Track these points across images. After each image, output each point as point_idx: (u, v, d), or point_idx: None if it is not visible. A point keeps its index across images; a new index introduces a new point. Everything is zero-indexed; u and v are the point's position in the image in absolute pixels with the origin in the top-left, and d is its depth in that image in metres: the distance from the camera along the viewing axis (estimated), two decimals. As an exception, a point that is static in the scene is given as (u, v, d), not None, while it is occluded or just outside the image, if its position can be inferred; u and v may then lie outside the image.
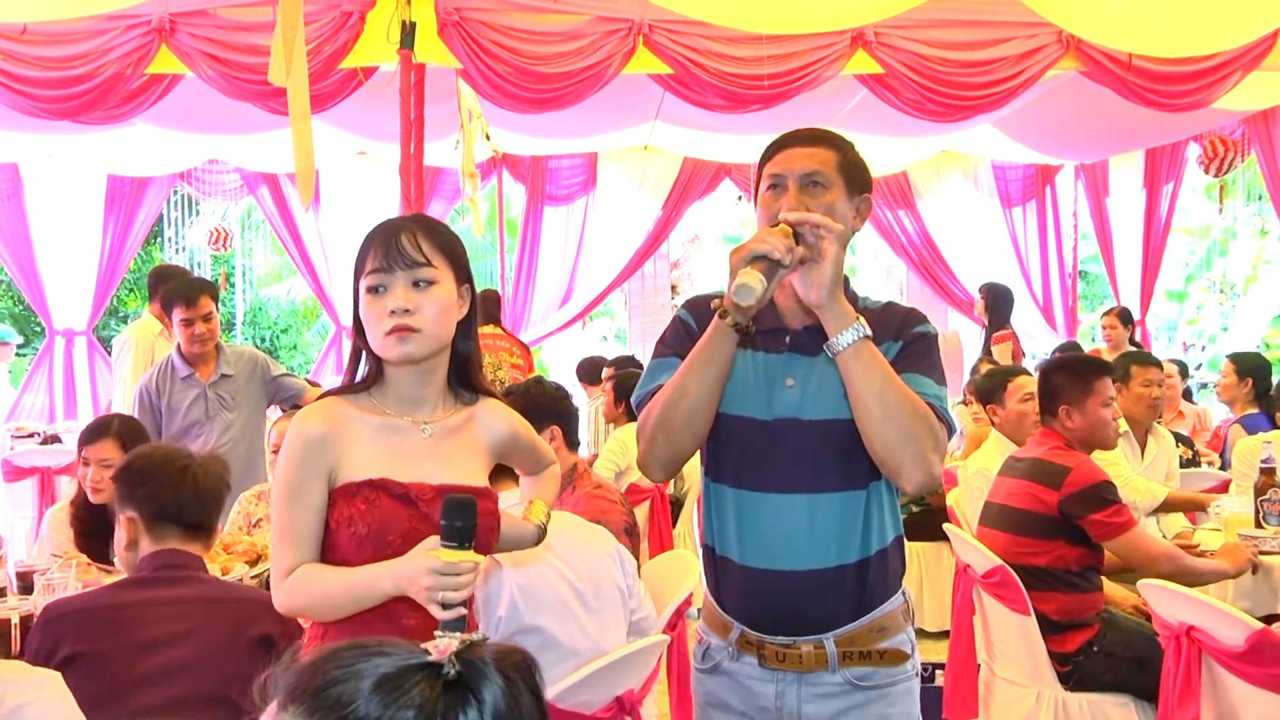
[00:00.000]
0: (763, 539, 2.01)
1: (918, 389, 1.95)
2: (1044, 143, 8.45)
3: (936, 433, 1.95)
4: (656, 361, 2.11)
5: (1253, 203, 11.61)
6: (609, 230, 8.96)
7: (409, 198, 5.07)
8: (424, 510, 1.87)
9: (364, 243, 1.91)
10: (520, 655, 0.98)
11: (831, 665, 2.00)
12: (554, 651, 2.46)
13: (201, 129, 7.09)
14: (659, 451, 2.04)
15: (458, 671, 0.92)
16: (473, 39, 5.11)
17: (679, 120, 7.17)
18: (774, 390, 2.01)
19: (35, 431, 7.34)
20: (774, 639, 2.02)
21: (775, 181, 2.03)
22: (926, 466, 1.93)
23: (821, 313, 1.92)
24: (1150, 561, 3.28)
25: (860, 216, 2.06)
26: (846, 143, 2.08)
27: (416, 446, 1.92)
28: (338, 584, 1.84)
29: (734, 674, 2.07)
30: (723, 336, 1.94)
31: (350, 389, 1.95)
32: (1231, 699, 2.79)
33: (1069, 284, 9.74)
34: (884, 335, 2.02)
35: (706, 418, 2.00)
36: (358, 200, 8.47)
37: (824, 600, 1.99)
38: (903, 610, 2.08)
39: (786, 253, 1.85)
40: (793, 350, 2.02)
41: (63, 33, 5.05)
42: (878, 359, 1.92)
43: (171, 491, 2.43)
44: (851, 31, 5.33)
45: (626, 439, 5.64)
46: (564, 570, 2.55)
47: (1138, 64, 5.50)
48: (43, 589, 3.06)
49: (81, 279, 8.40)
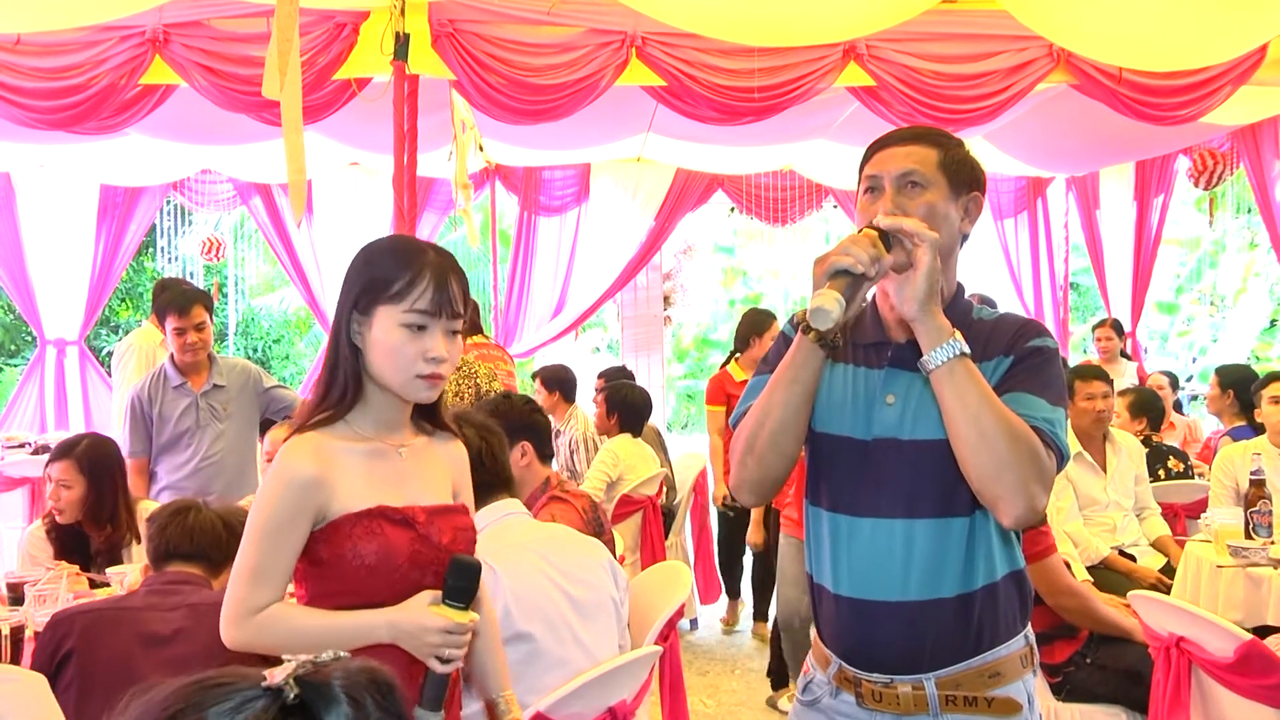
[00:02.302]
0: (857, 566, 1.88)
1: (1026, 411, 1.77)
2: (1035, 155, 8.49)
3: (1040, 460, 1.74)
4: (755, 380, 1.98)
5: (1242, 215, 11.69)
6: (602, 241, 8.98)
7: (402, 209, 5.08)
8: (422, 532, 1.90)
9: (394, 263, 1.87)
10: (371, 674, 0.94)
11: (933, 709, 1.85)
12: (544, 660, 2.47)
13: (195, 139, 7.08)
14: (748, 474, 1.91)
15: (298, 695, 0.90)
16: (466, 50, 5.12)
17: (672, 132, 7.20)
18: (873, 408, 1.88)
19: (26, 441, 7.32)
20: (871, 676, 1.88)
21: (872, 184, 1.91)
22: (1028, 499, 1.73)
23: (915, 327, 1.77)
24: (1058, 592, 3.24)
25: (969, 217, 1.94)
26: (950, 139, 1.94)
27: (398, 469, 1.94)
28: (322, 628, 1.82)
29: (831, 711, 1.96)
30: (807, 353, 1.82)
31: (329, 419, 1.89)
32: (1221, 710, 2.80)
33: (1060, 295, 9.78)
34: (995, 349, 1.87)
35: (795, 438, 1.88)
36: (351, 211, 8.49)
37: (921, 636, 1.84)
38: (1022, 655, 1.90)
39: (871, 264, 1.72)
40: (894, 365, 1.88)
41: (57, 43, 5.05)
42: (974, 379, 1.75)
43: (161, 532, 2.61)
44: (844, 44, 5.36)
45: (618, 450, 5.65)
46: (559, 580, 2.56)
47: (1129, 78, 5.54)
48: (34, 600, 3.05)
49: (74, 289, 8.38)
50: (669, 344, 15.02)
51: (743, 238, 16.58)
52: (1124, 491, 4.63)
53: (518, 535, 2.60)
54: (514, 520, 2.66)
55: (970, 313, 1.95)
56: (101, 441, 3.85)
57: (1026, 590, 1.93)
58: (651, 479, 5.64)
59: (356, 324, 1.88)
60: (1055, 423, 1.80)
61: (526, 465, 3.30)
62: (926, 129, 1.98)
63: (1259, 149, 7.56)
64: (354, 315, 1.88)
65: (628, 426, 5.80)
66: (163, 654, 2.31)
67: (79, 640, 2.31)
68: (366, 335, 1.87)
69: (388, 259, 1.88)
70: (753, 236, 15.40)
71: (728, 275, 17.51)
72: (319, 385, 1.93)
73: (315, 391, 1.93)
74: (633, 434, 5.80)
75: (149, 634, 2.33)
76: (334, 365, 1.91)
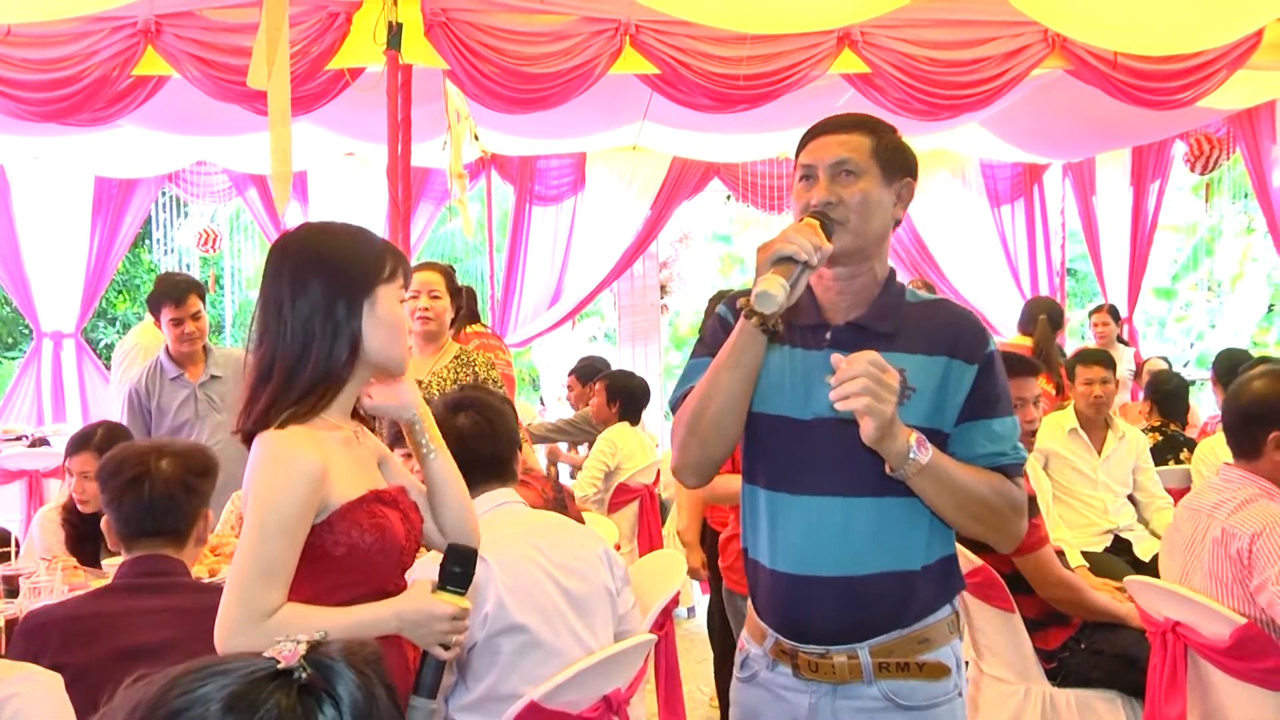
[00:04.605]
0: (794, 543, 1.93)
1: (996, 448, 1.91)
2: (1031, 141, 8.47)
3: (1017, 503, 1.93)
4: (693, 362, 2.03)
5: (1239, 200, 11.67)
6: (598, 230, 8.96)
7: (396, 199, 5.07)
8: (403, 511, 1.94)
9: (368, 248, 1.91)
10: (369, 648, 0.95)
11: (867, 677, 1.91)
12: (539, 651, 2.46)
13: (189, 130, 7.07)
14: (691, 457, 1.96)
15: (309, 674, 0.89)
16: (459, 40, 5.11)
17: (667, 120, 7.18)
18: (812, 389, 1.90)
19: (23, 434, 7.32)
20: (807, 648, 1.94)
21: (806, 172, 1.96)
22: (1013, 535, 1.96)
23: (878, 449, 1.80)
24: (1050, 584, 3.24)
25: (902, 203, 1.98)
26: (883, 126, 1.99)
27: (362, 452, 1.96)
28: (335, 621, 1.79)
29: (769, 684, 2.00)
30: (749, 337, 1.86)
31: (309, 413, 1.86)
32: (1217, 694, 2.80)
33: (1057, 282, 9.77)
34: (940, 345, 1.92)
35: (737, 420, 1.93)
36: (345, 201, 8.46)
37: (857, 610, 1.90)
38: (949, 622, 1.97)
39: (814, 252, 1.78)
40: (834, 347, 1.91)
41: (48, 34, 5.03)
42: (944, 472, 1.83)
43: (118, 505, 2.40)
44: (838, 31, 5.34)
45: (616, 439, 5.66)
46: (553, 571, 2.55)
47: (1124, 62, 5.52)
48: (29, 592, 3.05)
49: (69, 281, 8.37)
50: (666, 332, 15.00)
51: (739, 226, 16.54)
52: (1118, 478, 4.64)
53: (511, 526, 2.59)
54: (508, 510, 2.65)
55: (903, 296, 2.00)
56: (115, 428, 3.88)
57: (956, 567, 2.02)
58: (649, 467, 5.65)
59: (347, 312, 1.86)
60: (1012, 434, 1.95)
61: None
62: (860, 117, 2.02)
63: (1256, 133, 7.56)
64: (341, 305, 1.85)
65: (627, 415, 5.83)
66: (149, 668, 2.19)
67: (57, 655, 2.19)
68: (368, 319, 1.87)
69: (353, 246, 1.91)
70: (749, 224, 15.36)
71: (725, 263, 17.47)
72: (282, 383, 1.84)
73: (275, 389, 1.84)
74: (631, 422, 5.82)
75: (132, 647, 2.20)
76: (299, 359, 1.85)
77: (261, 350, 1.87)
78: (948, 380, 1.91)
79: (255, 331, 1.89)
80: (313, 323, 1.84)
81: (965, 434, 1.92)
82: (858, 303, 1.97)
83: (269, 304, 1.87)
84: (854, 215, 1.90)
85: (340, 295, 1.85)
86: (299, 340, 1.85)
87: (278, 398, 1.84)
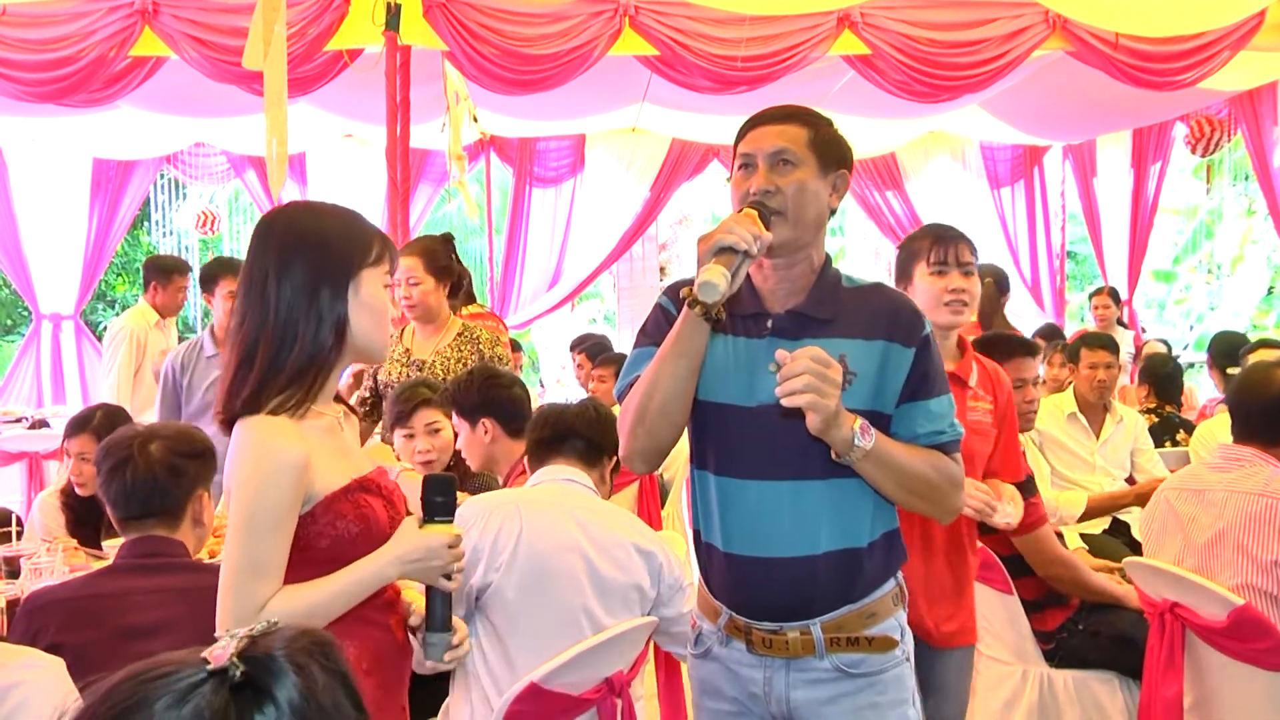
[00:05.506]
0: (745, 527, 1.99)
1: (934, 427, 1.99)
2: (1032, 123, 8.45)
3: (955, 478, 2.02)
4: (637, 352, 2.08)
5: (1240, 182, 11.65)
6: (597, 212, 8.94)
7: (395, 180, 5.06)
8: (386, 496, 1.92)
9: (357, 230, 1.87)
10: (310, 635, 0.92)
11: (819, 651, 1.98)
12: (550, 593, 2.49)
13: (187, 112, 7.05)
14: (639, 444, 2.02)
15: (244, 673, 0.87)
16: (458, 21, 5.09)
17: (667, 102, 7.16)
18: (756, 376, 1.96)
19: (23, 416, 7.32)
20: (760, 625, 2.01)
21: (745, 160, 2.02)
22: (951, 509, 2.09)
23: (824, 437, 1.87)
24: (1049, 563, 3.24)
25: (837, 193, 2.04)
26: (820, 119, 2.05)
27: (343, 440, 1.92)
28: (334, 589, 1.78)
29: (724, 659, 2.07)
30: (693, 327, 1.91)
31: (298, 403, 1.81)
32: (1214, 674, 2.81)
33: (1057, 264, 9.77)
34: (877, 329, 1.97)
35: (683, 408, 1.99)
36: (345, 182, 8.44)
37: (808, 588, 1.97)
38: (894, 595, 2.05)
39: (753, 241, 1.84)
40: (775, 335, 1.98)
41: (45, 15, 5.02)
42: (888, 455, 1.91)
43: (107, 489, 2.41)
44: (838, 12, 5.33)
45: (616, 421, 5.66)
46: (586, 547, 2.51)
47: (1125, 43, 5.51)
48: (30, 573, 3.06)
49: (68, 263, 8.35)
50: (666, 315, 14.95)
51: (739, 208, 16.51)
52: (1116, 462, 4.63)
53: (563, 499, 2.59)
54: (567, 487, 2.64)
55: (839, 281, 2.05)
56: (115, 411, 3.85)
57: (899, 541, 2.09)
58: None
59: (330, 297, 1.81)
60: (950, 412, 2.03)
61: (492, 442, 3.27)
62: (798, 108, 2.07)
63: (1257, 115, 7.53)
64: (325, 290, 1.81)
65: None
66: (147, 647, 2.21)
67: (57, 635, 2.21)
68: (353, 303, 1.82)
69: (340, 227, 1.87)
70: (749, 207, 15.32)
71: (724, 246, 17.44)
72: (268, 365, 1.79)
73: (261, 372, 1.79)
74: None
75: (131, 627, 2.21)
76: (283, 341, 1.80)
77: (244, 330, 1.81)
78: (887, 363, 1.97)
79: (238, 309, 1.84)
80: (297, 304, 1.80)
81: (905, 414, 2.00)
82: (795, 290, 2.02)
83: (253, 282, 1.82)
84: (791, 204, 1.96)
85: (325, 277, 1.81)
86: (282, 321, 1.80)
87: (265, 381, 1.79)
